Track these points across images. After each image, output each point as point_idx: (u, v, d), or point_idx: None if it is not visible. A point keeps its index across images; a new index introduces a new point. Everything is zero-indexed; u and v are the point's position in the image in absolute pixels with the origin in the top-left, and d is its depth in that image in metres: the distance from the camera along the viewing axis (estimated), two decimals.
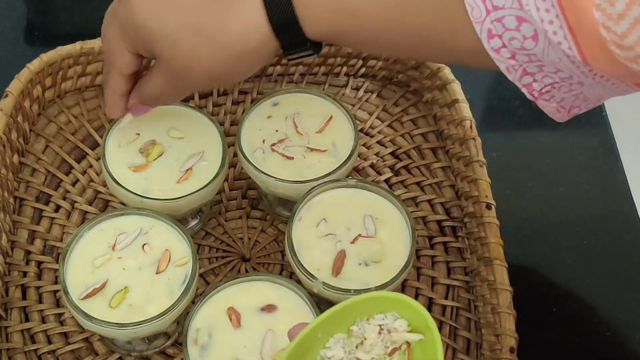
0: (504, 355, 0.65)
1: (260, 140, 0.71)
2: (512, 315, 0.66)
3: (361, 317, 0.47)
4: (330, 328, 0.47)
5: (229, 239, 0.75)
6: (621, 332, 0.73)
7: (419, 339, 0.45)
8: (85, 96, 0.81)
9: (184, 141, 0.70)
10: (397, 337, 0.46)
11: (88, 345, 0.69)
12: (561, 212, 0.81)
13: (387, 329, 0.46)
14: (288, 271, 0.73)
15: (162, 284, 0.63)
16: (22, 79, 0.74)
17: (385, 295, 0.47)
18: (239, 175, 0.78)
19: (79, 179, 0.77)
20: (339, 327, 0.47)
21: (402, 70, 0.82)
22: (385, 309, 0.47)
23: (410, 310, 0.46)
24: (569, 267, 0.77)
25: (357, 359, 0.46)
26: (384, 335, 0.46)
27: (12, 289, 0.70)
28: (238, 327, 0.62)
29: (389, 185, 0.79)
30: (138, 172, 0.68)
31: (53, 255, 0.73)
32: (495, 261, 0.69)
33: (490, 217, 0.71)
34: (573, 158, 0.84)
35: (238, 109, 0.82)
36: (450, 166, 0.79)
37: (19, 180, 0.76)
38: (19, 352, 0.67)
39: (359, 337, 0.46)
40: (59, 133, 0.79)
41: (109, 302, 0.62)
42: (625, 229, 0.79)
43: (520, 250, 0.76)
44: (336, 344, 0.46)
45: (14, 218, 0.74)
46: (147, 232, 0.65)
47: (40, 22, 0.90)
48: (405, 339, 0.46)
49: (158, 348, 0.69)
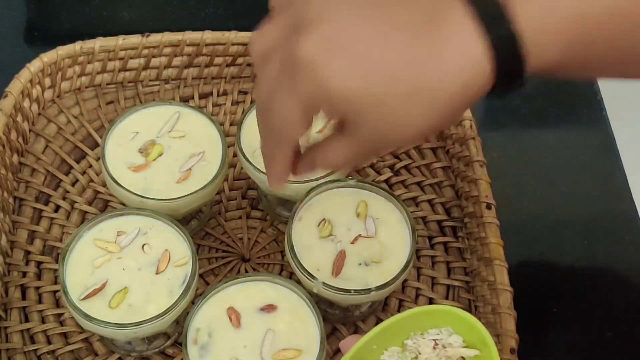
0: (504, 355, 0.64)
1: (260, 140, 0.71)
2: (513, 316, 0.66)
3: (415, 331, 0.47)
4: (385, 341, 0.46)
5: (229, 239, 0.75)
6: (621, 332, 0.73)
7: (475, 355, 0.45)
8: (85, 96, 0.81)
9: (183, 141, 0.70)
10: (452, 352, 0.45)
11: (88, 345, 0.69)
12: (561, 212, 0.80)
13: (442, 344, 0.46)
14: (288, 271, 0.73)
15: (162, 284, 0.63)
16: (21, 79, 0.74)
17: (440, 309, 0.46)
18: (239, 175, 0.78)
19: (79, 179, 0.77)
20: (393, 341, 0.47)
21: None
22: (439, 323, 0.46)
23: (465, 324, 0.45)
24: (569, 267, 0.77)
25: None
26: (439, 350, 0.46)
27: (11, 289, 0.70)
28: (238, 327, 0.62)
29: (389, 185, 0.78)
30: (138, 172, 0.68)
31: (53, 255, 0.72)
32: (495, 261, 0.68)
33: (491, 217, 0.71)
34: (573, 158, 0.84)
35: (238, 109, 0.82)
36: (451, 166, 0.79)
37: (18, 181, 0.76)
38: (18, 353, 0.67)
39: (414, 352, 0.46)
40: (58, 133, 0.79)
41: (108, 302, 0.62)
42: (625, 229, 0.79)
43: (520, 250, 0.76)
44: (391, 357, 0.46)
45: (14, 218, 0.74)
46: (146, 233, 0.65)
47: (40, 22, 0.90)
48: (461, 354, 0.45)
49: (158, 348, 0.69)
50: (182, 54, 0.80)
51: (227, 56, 0.81)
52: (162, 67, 0.81)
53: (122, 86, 0.82)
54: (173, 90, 0.82)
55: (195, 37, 0.79)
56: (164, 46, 0.79)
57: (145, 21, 0.91)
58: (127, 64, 0.80)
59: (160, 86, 0.82)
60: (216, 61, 0.81)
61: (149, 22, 0.91)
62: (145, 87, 0.82)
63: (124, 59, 0.79)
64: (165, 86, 0.82)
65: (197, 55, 0.80)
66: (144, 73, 0.81)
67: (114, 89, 0.82)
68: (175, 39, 0.78)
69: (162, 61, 0.80)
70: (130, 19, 0.91)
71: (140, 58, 0.80)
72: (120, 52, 0.78)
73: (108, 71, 0.80)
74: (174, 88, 0.82)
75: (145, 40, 0.78)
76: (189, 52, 0.80)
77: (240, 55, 0.81)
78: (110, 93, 0.82)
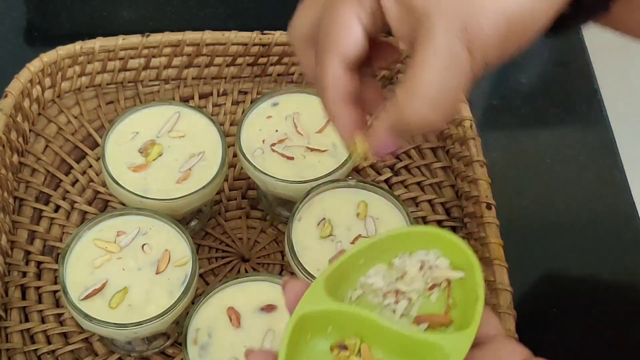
0: None
1: (260, 140, 0.71)
2: (513, 316, 0.66)
3: (404, 251, 0.46)
4: (372, 258, 0.46)
5: (229, 239, 0.75)
6: (621, 332, 0.73)
7: (460, 277, 0.45)
8: (85, 96, 0.81)
9: (183, 141, 0.70)
10: (438, 273, 0.45)
11: (88, 345, 0.69)
12: (561, 211, 0.80)
13: (429, 265, 0.46)
14: (288, 271, 0.73)
15: (162, 284, 0.63)
16: (21, 79, 0.74)
17: (429, 231, 0.46)
18: (239, 175, 0.78)
19: (79, 179, 0.77)
20: (381, 258, 0.46)
21: (402, 71, 0.82)
22: (428, 245, 0.46)
23: (453, 248, 0.45)
24: (569, 267, 0.77)
25: (397, 289, 0.45)
26: (425, 271, 0.46)
27: (11, 289, 0.70)
28: (238, 327, 0.62)
29: (389, 185, 0.78)
30: (138, 172, 0.68)
31: (53, 255, 0.72)
32: (495, 261, 0.68)
33: (491, 217, 0.71)
34: (573, 157, 0.84)
35: (238, 109, 0.82)
36: (451, 166, 0.79)
37: (18, 181, 0.76)
38: (18, 353, 0.67)
39: (400, 271, 0.46)
40: (58, 133, 0.79)
41: (108, 302, 0.62)
42: (625, 229, 0.79)
43: (520, 250, 0.76)
44: (377, 274, 0.46)
45: (14, 218, 0.74)
46: (146, 232, 0.65)
47: (40, 22, 0.90)
48: (446, 276, 0.45)
49: (158, 348, 0.69)
50: (182, 54, 0.80)
51: (227, 56, 0.81)
52: (162, 67, 0.81)
53: (122, 86, 0.82)
54: (173, 90, 0.82)
55: (195, 37, 0.79)
56: (164, 46, 0.79)
57: (145, 21, 0.91)
58: (127, 64, 0.80)
59: (160, 86, 0.82)
60: (216, 61, 0.81)
61: (149, 22, 0.91)
62: (145, 87, 0.82)
63: (124, 59, 0.79)
64: (165, 86, 0.82)
65: (197, 55, 0.80)
66: (144, 73, 0.81)
67: (114, 89, 0.82)
68: (175, 39, 0.78)
69: (162, 61, 0.80)
70: (130, 19, 0.91)
71: (140, 58, 0.80)
72: (120, 52, 0.78)
73: (108, 71, 0.80)
74: (174, 88, 0.82)
75: (145, 40, 0.78)
76: (189, 52, 0.80)
77: (240, 55, 0.81)
78: (110, 93, 0.82)
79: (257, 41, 0.79)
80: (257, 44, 0.80)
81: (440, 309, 0.45)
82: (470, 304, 0.44)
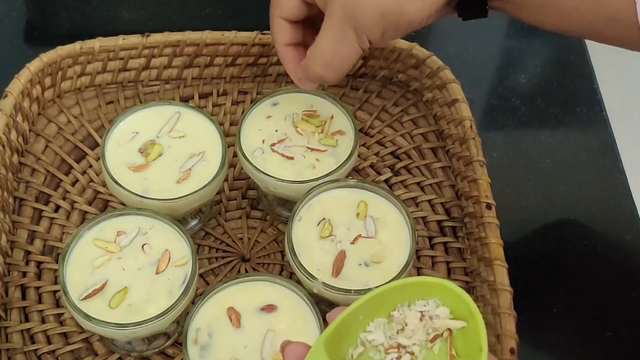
0: (504, 356, 0.64)
1: (260, 140, 0.71)
2: (513, 316, 0.66)
3: (402, 302, 0.46)
4: (371, 312, 0.46)
5: (229, 239, 0.75)
6: (621, 332, 0.73)
7: (462, 327, 0.45)
8: (85, 96, 0.81)
9: (183, 141, 0.70)
10: (439, 323, 0.45)
11: (88, 345, 0.69)
12: (561, 212, 0.80)
13: (429, 315, 0.46)
14: (288, 271, 0.73)
15: (162, 284, 0.63)
16: (21, 79, 0.74)
17: (427, 281, 0.46)
18: (239, 176, 0.78)
19: (79, 179, 0.77)
20: (379, 312, 0.46)
21: (402, 70, 0.82)
22: (427, 295, 0.46)
23: (452, 296, 0.45)
24: (569, 267, 0.77)
25: (399, 344, 0.45)
26: (426, 321, 0.45)
27: (11, 289, 0.70)
28: (238, 327, 0.62)
29: (389, 185, 0.78)
30: (138, 172, 0.68)
31: (53, 255, 0.73)
32: (495, 261, 0.68)
33: (491, 217, 0.71)
34: (573, 158, 0.84)
35: (238, 109, 0.82)
36: (451, 166, 0.79)
37: (18, 181, 0.76)
38: (18, 353, 0.67)
39: (400, 323, 0.46)
40: (58, 133, 0.79)
41: (108, 302, 0.62)
42: (625, 229, 0.79)
43: (520, 250, 0.76)
44: (377, 328, 0.46)
45: (14, 218, 0.74)
46: (146, 232, 0.65)
47: (40, 22, 0.90)
48: (448, 326, 0.45)
49: (158, 348, 0.69)
50: (182, 54, 0.80)
51: (227, 56, 0.81)
52: (162, 67, 0.81)
53: (122, 86, 0.82)
54: (173, 90, 0.82)
55: (195, 37, 0.79)
56: (164, 46, 0.79)
57: (145, 21, 0.91)
58: (127, 64, 0.80)
59: (160, 86, 0.82)
60: (216, 61, 0.81)
61: (149, 22, 0.91)
62: (145, 87, 0.82)
63: (124, 59, 0.79)
64: (165, 86, 0.82)
65: (197, 55, 0.80)
66: (144, 73, 0.81)
67: (114, 89, 0.82)
68: (175, 39, 0.78)
69: (162, 61, 0.80)
70: (130, 19, 0.91)
71: (140, 58, 0.80)
72: (121, 52, 0.78)
73: (108, 71, 0.80)
74: (174, 88, 0.82)
75: (145, 40, 0.78)
76: (189, 52, 0.80)
77: (240, 55, 0.81)
78: (110, 93, 0.82)
79: (257, 41, 0.79)
80: (257, 44, 0.80)
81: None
82: (474, 355, 0.44)
